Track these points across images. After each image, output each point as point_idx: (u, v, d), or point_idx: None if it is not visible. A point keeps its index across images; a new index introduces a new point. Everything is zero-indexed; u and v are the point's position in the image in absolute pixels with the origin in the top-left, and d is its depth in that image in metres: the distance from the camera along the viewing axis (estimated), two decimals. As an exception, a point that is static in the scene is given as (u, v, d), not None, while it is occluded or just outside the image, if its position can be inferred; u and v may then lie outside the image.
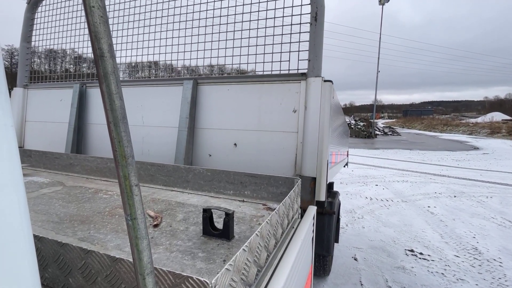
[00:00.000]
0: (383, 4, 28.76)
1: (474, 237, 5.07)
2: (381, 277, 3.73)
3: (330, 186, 4.56)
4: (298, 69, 1.85)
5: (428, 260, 4.23)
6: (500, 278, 3.75)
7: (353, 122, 31.88)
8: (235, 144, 1.97)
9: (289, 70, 1.89)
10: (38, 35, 2.92)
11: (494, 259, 4.28)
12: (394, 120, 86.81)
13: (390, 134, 32.47)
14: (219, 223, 1.36)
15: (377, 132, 31.30)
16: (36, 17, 2.93)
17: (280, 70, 1.91)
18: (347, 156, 5.16)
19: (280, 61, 1.91)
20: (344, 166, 4.66)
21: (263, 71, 1.94)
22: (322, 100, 1.70)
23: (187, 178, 2.04)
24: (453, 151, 18.08)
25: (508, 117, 49.73)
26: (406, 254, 4.42)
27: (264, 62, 1.95)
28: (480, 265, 4.09)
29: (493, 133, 31.29)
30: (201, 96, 2.09)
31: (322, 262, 3.50)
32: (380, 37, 28.95)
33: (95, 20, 0.44)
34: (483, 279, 3.72)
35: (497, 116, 50.11)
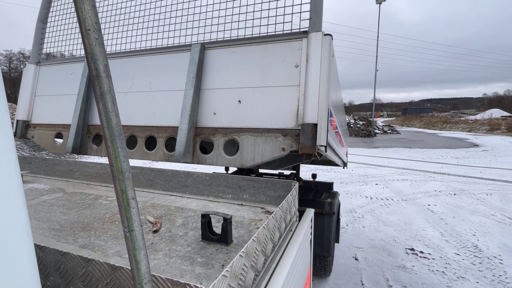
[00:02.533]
0: (380, 3, 28.81)
1: (474, 235, 5.09)
2: (382, 277, 3.75)
3: (329, 186, 4.58)
4: (300, 29, 1.95)
5: (429, 259, 4.24)
6: (500, 276, 3.76)
7: (352, 121, 31.90)
8: (239, 101, 2.04)
9: (291, 30, 1.98)
10: (55, 16, 2.99)
11: (495, 257, 4.30)
12: (393, 118, 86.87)
13: (390, 133, 32.50)
14: (217, 228, 1.38)
15: (376, 131, 31.33)
16: (53, 0, 3.01)
17: (283, 31, 2.01)
18: (346, 155, 5.18)
19: (283, 23, 2.03)
20: (344, 168, 4.68)
21: (267, 32, 2.06)
22: (322, 52, 1.79)
23: (186, 182, 2.06)
24: (452, 149, 18.11)
25: (507, 114, 49.78)
26: (406, 253, 4.44)
27: (268, 25, 2.08)
28: (481, 263, 4.11)
29: (493, 130, 31.32)
30: (207, 59, 2.18)
31: (323, 262, 3.51)
32: (378, 36, 29.00)
33: (91, 42, 0.46)
34: (483, 277, 3.73)
35: (496, 113, 50.16)
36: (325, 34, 1.81)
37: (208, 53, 2.17)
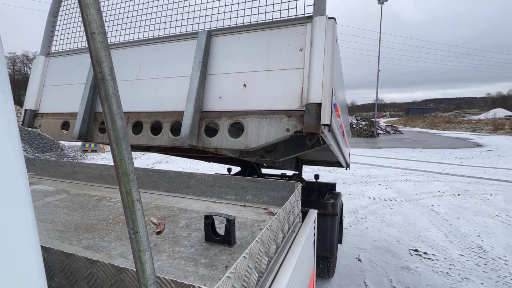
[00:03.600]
0: (382, 3, 28.75)
1: (478, 236, 5.05)
2: (385, 278, 3.73)
3: (332, 187, 4.57)
4: (304, 14, 2.01)
5: (433, 260, 4.22)
6: (505, 277, 3.73)
7: (354, 121, 31.82)
8: (244, 85, 2.07)
9: (296, 15, 2.04)
10: (65, 10, 3.07)
11: (499, 258, 4.26)
12: (396, 118, 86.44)
13: (392, 133, 32.36)
14: (220, 229, 1.38)
15: (379, 131, 31.22)
16: None
17: (288, 17, 2.08)
18: (349, 156, 5.17)
19: (288, 9, 2.06)
20: (346, 169, 4.67)
21: (273, 19, 2.13)
22: (326, 34, 1.85)
23: (189, 184, 2.06)
24: (456, 149, 18.00)
25: (511, 113, 49.40)
26: (410, 254, 4.41)
27: (273, 11, 2.11)
28: (485, 264, 4.08)
29: (496, 130, 31.10)
30: (214, 46, 2.25)
31: (326, 263, 3.50)
32: (380, 36, 28.93)
33: (96, 46, 0.46)
34: (488, 278, 3.71)
35: (500, 113, 49.80)
36: (329, 18, 1.87)
37: (214, 40, 2.23)
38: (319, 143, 2.24)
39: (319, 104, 1.77)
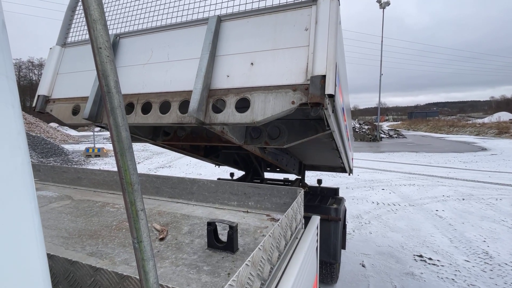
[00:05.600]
0: (383, 8, 28.88)
1: (484, 241, 4.99)
2: (389, 284, 3.69)
3: (335, 192, 4.55)
4: None
5: (438, 266, 4.17)
6: (512, 283, 3.68)
7: (357, 125, 31.73)
8: (251, 63, 2.18)
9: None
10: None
11: (506, 263, 4.20)
12: (399, 122, 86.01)
13: (396, 137, 32.21)
14: (223, 235, 1.38)
15: (382, 135, 31.09)
16: None
17: (294, 1, 2.22)
18: (352, 161, 5.15)
19: None
20: (349, 174, 4.65)
21: (279, 3, 2.27)
22: (331, 14, 1.97)
23: (192, 190, 2.07)
24: (460, 153, 17.86)
25: (515, 117, 48.94)
26: (415, 259, 4.37)
27: None
28: (492, 270, 4.02)
29: (501, 133, 30.82)
30: (223, 30, 2.39)
31: (329, 269, 3.47)
32: (382, 40, 29.00)
33: (102, 60, 0.48)
34: (494, 284, 3.65)
35: (504, 116, 49.35)
36: None
37: (223, 25, 2.36)
38: (322, 129, 2.30)
39: (324, 76, 1.84)
